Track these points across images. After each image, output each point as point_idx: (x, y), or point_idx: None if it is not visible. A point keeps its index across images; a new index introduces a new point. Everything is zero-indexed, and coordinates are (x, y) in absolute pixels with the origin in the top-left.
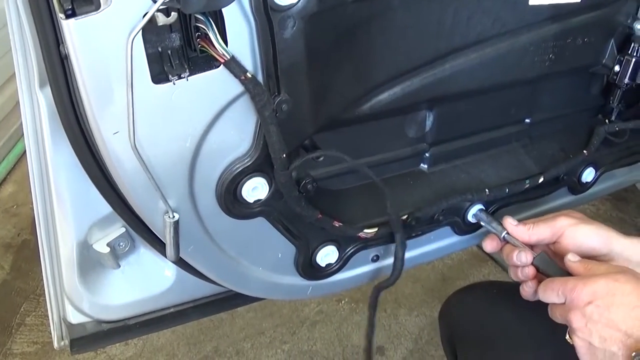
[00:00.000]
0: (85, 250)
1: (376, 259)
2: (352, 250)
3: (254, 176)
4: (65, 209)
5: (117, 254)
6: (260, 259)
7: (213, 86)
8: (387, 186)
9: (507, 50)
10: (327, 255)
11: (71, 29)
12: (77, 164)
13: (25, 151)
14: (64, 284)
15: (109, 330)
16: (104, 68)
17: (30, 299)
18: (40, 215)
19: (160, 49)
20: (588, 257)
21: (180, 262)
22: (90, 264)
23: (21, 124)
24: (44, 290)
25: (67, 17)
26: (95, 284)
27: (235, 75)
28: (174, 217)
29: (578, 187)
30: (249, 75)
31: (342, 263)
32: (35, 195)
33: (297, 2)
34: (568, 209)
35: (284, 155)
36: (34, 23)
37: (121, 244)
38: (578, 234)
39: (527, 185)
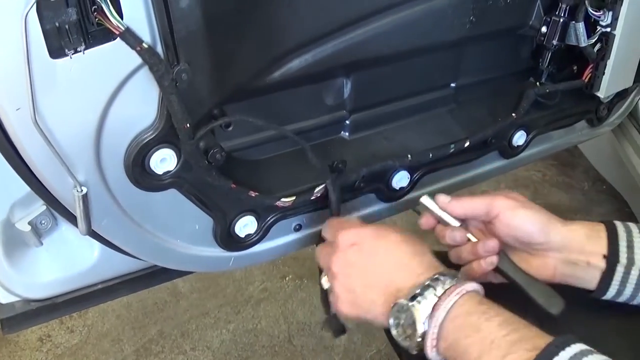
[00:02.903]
0: (8, 230)
1: (299, 227)
2: (271, 220)
3: (161, 147)
4: None
5: (39, 232)
6: (177, 231)
7: (111, 58)
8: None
9: (423, 13)
10: (245, 225)
11: None
12: None
13: None
14: None
15: (38, 309)
16: (0, 45)
17: None
18: None
19: (57, 24)
20: (524, 243)
21: (99, 238)
22: (14, 242)
23: None
24: None
25: None
26: (21, 263)
27: (131, 47)
28: (82, 190)
29: (509, 150)
30: (144, 45)
31: (262, 233)
32: None
33: None
34: (500, 175)
35: (188, 125)
36: None
37: (43, 222)
38: (515, 218)
39: (452, 150)
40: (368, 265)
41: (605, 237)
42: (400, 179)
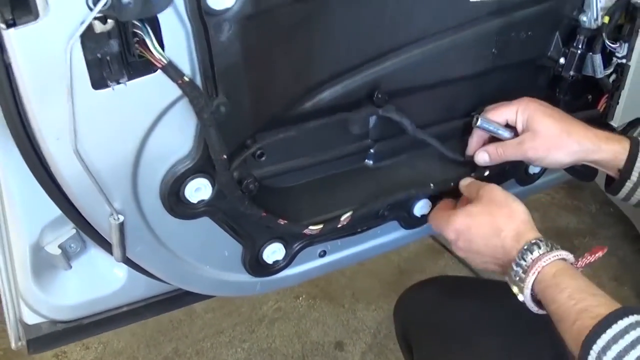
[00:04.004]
0: (37, 252)
1: (323, 254)
2: (298, 247)
3: (197, 177)
4: (17, 211)
5: (68, 255)
6: (207, 257)
7: (152, 90)
8: (333, 183)
9: (449, 46)
10: (273, 252)
11: (12, 38)
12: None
13: None
14: (18, 285)
15: (64, 330)
16: (44, 76)
17: None
18: None
19: (99, 55)
20: None
21: (130, 262)
22: (43, 265)
23: None
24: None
25: (8, 27)
26: (49, 285)
27: (172, 79)
28: (118, 219)
29: (525, 178)
30: (185, 79)
31: (289, 260)
32: None
33: (232, 6)
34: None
35: (224, 156)
36: None
37: (72, 245)
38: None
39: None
40: (473, 251)
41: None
42: (422, 207)
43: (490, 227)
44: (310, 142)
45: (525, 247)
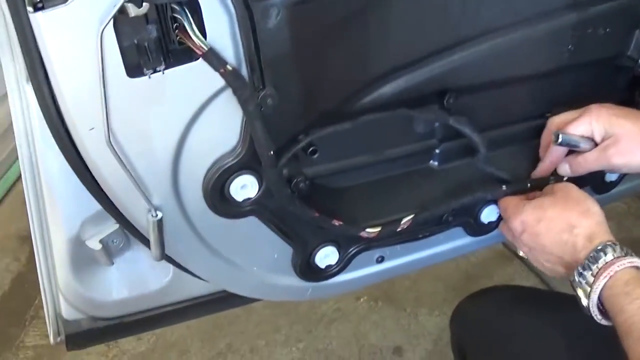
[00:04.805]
0: (78, 247)
1: (381, 260)
2: (354, 251)
3: (243, 174)
4: (56, 204)
5: (110, 251)
6: (254, 258)
7: (193, 79)
8: (393, 184)
9: (522, 41)
10: (326, 256)
11: (40, 22)
12: None
13: None
14: (57, 279)
15: (105, 328)
16: (75, 62)
17: None
18: (32, 209)
19: (136, 41)
20: None
21: (173, 261)
22: (84, 260)
23: None
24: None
25: (36, 10)
26: (90, 281)
27: (214, 68)
28: (156, 215)
29: (602, 186)
30: (228, 67)
31: (344, 265)
32: (27, 189)
33: None
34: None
35: (272, 152)
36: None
37: (115, 240)
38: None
39: (553, 182)
40: (538, 246)
41: None
42: (490, 213)
43: (562, 222)
44: (369, 140)
45: (599, 248)
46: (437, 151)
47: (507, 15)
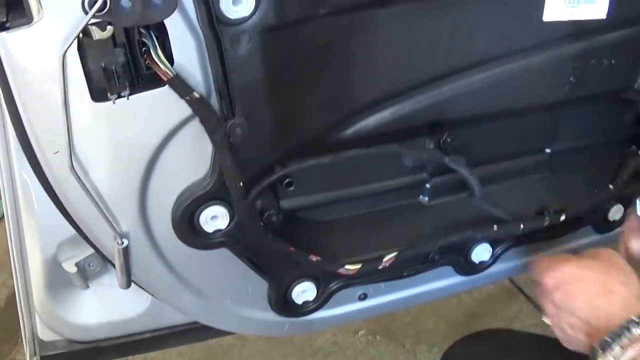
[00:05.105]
0: (55, 268)
1: (364, 297)
2: (334, 288)
3: (213, 204)
4: (33, 225)
5: (86, 275)
6: (227, 291)
7: (160, 106)
8: (377, 219)
9: (519, 72)
10: (304, 291)
11: (5, 42)
12: None
13: None
14: (33, 300)
15: (81, 351)
16: (39, 84)
17: None
18: (11, 229)
19: (103, 65)
20: None
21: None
22: (61, 282)
23: None
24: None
25: (1, 30)
26: (66, 303)
27: (180, 95)
28: (122, 243)
29: (604, 225)
30: (195, 95)
31: (323, 301)
32: (6, 210)
33: (251, 14)
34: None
35: (241, 184)
36: None
37: (91, 264)
38: None
39: (547, 222)
40: (568, 307)
41: None
42: (482, 252)
43: (600, 286)
44: (352, 173)
45: (637, 321)
46: (427, 186)
47: (503, 45)
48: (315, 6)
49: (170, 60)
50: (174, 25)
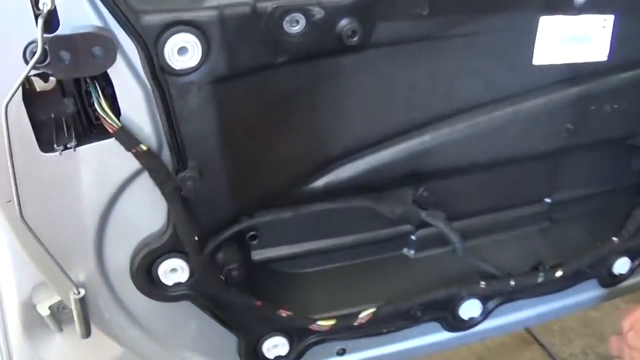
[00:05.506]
0: (30, 310)
1: (342, 352)
2: (308, 342)
3: (171, 257)
4: (8, 267)
5: (59, 318)
6: (196, 345)
7: (110, 158)
8: (356, 272)
9: (508, 120)
10: (275, 346)
11: None
12: None
13: None
14: (10, 339)
15: None
16: None
17: None
18: None
19: (53, 115)
20: None
21: None
22: (35, 323)
23: None
24: None
25: None
26: (40, 345)
27: (126, 148)
28: (79, 293)
29: (609, 279)
30: (142, 147)
31: (297, 356)
32: None
33: (199, 65)
34: (596, 304)
35: (195, 238)
36: None
37: (65, 307)
38: None
39: (541, 279)
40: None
41: None
42: (471, 308)
43: None
44: (327, 224)
45: None
46: (412, 238)
47: (488, 92)
48: (274, 54)
49: (118, 111)
50: (119, 75)
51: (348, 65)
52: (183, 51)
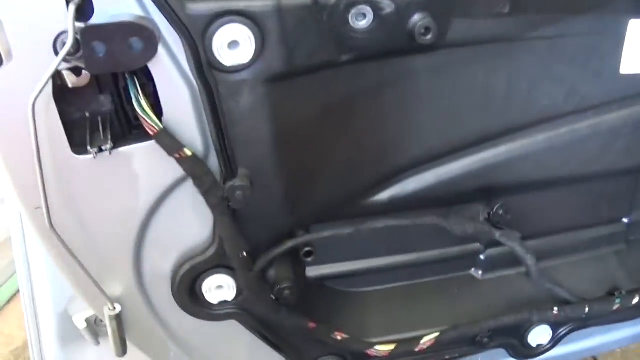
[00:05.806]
0: (67, 322)
1: None
2: None
3: (216, 273)
4: (44, 275)
5: (96, 331)
6: None
7: (150, 162)
8: (418, 293)
9: (591, 132)
10: None
11: None
12: None
13: None
14: (44, 351)
15: None
16: (12, 134)
17: None
18: (23, 284)
19: (87, 114)
20: None
21: None
22: (71, 336)
23: None
24: None
25: None
26: (76, 358)
27: (167, 152)
28: (114, 308)
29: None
30: (186, 152)
31: None
32: (17, 260)
33: (252, 61)
34: None
35: (244, 254)
36: None
37: (102, 321)
38: None
39: (617, 306)
40: None
41: None
42: (540, 335)
43: None
44: (390, 240)
45: None
46: (481, 257)
47: (570, 101)
48: (337, 52)
49: (159, 110)
50: (161, 70)
51: (419, 67)
52: (234, 45)
